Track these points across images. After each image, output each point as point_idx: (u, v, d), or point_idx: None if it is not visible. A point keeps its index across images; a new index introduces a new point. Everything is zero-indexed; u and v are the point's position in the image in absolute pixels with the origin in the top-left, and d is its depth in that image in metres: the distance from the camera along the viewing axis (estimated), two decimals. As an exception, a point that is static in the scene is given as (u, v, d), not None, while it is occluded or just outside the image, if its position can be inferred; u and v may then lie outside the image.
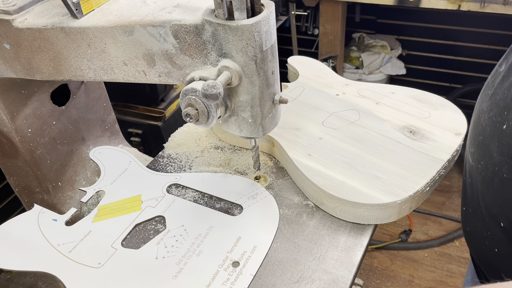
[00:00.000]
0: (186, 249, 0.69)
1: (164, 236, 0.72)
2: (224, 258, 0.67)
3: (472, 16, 2.21)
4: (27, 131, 0.79)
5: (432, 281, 1.88)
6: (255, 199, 0.77)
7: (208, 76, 0.60)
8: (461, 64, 2.45)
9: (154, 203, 0.78)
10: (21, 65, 0.70)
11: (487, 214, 0.63)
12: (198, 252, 0.68)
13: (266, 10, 0.57)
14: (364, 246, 0.69)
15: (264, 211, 0.75)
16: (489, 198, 0.62)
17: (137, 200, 0.80)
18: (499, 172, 0.58)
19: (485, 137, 0.62)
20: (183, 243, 0.70)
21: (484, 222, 0.64)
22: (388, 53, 2.45)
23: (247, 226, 0.72)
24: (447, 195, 2.26)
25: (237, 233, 0.71)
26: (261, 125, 0.65)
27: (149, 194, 0.81)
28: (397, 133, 0.82)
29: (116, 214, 0.77)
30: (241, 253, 0.68)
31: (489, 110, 0.61)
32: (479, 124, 0.64)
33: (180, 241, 0.71)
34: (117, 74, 0.67)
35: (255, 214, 0.74)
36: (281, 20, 2.36)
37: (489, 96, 0.63)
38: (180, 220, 0.75)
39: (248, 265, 0.66)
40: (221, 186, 0.81)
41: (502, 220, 0.60)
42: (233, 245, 0.69)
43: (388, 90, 0.94)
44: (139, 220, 0.75)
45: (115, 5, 0.66)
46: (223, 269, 0.65)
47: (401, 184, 0.71)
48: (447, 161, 0.76)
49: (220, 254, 0.68)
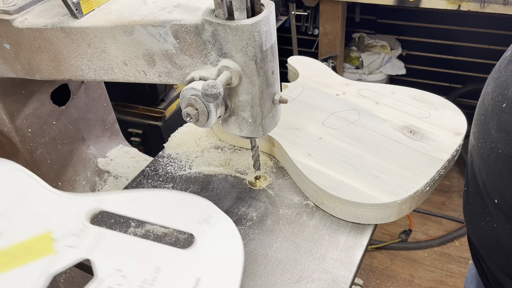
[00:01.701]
0: None
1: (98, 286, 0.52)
2: None
3: (472, 16, 2.22)
4: (27, 131, 0.79)
5: (432, 281, 1.88)
6: (208, 223, 0.60)
7: (208, 76, 0.60)
8: (461, 64, 2.45)
9: (74, 241, 0.57)
10: (21, 65, 0.70)
11: (484, 191, 0.64)
12: None
13: (266, 10, 0.57)
14: (364, 246, 0.69)
15: (223, 240, 0.59)
16: (485, 174, 0.64)
17: (46, 239, 0.58)
18: (495, 148, 0.60)
19: (486, 116, 0.64)
20: None
21: (483, 199, 0.65)
22: (388, 53, 2.45)
23: (205, 262, 0.56)
24: (447, 195, 2.26)
25: (194, 273, 0.54)
26: (261, 125, 0.65)
27: (63, 228, 0.59)
28: (397, 133, 0.82)
29: (18, 262, 0.54)
30: None
31: (493, 91, 0.63)
32: (483, 105, 0.66)
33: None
34: (117, 74, 0.67)
35: (212, 244, 0.58)
36: (281, 20, 2.36)
37: (494, 79, 0.65)
38: (115, 263, 0.55)
39: None
40: (162, 208, 0.63)
41: (496, 197, 0.61)
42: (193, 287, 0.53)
43: (388, 90, 0.94)
44: (56, 268, 0.54)
45: (115, 5, 0.66)
46: None
47: (401, 184, 0.71)
48: (447, 161, 0.76)
49: None
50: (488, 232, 0.65)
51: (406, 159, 0.76)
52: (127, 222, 0.76)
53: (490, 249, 0.68)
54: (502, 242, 0.63)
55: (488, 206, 0.64)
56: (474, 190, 0.69)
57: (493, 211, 0.63)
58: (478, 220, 0.68)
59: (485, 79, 0.74)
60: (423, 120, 0.85)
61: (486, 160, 0.63)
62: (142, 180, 0.86)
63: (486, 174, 0.63)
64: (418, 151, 0.78)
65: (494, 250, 0.66)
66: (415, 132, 0.82)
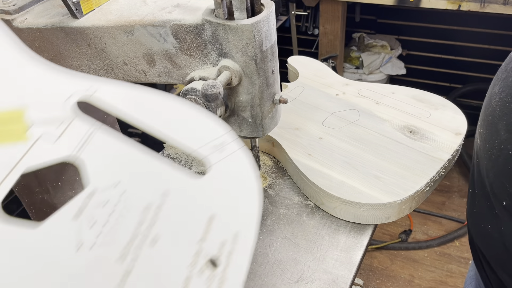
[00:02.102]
0: (130, 233, 0.38)
1: (87, 203, 0.39)
2: (195, 253, 0.40)
3: (472, 16, 2.21)
4: (27, 131, 0.79)
5: (432, 281, 1.88)
6: (222, 152, 0.47)
7: (208, 76, 0.60)
8: (461, 64, 2.45)
9: (55, 131, 0.43)
10: (21, 65, 0.70)
11: (492, 193, 0.64)
12: (152, 239, 0.39)
13: (266, 10, 0.57)
14: (364, 246, 0.69)
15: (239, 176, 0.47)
16: (493, 176, 0.63)
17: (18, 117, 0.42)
18: (505, 150, 0.59)
19: (494, 117, 0.63)
20: (123, 220, 0.39)
21: (490, 202, 0.65)
22: (388, 53, 2.45)
23: (220, 198, 0.45)
24: (447, 195, 2.26)
25: (207, 208, 0.44)
26: (261, 125, 0.65)
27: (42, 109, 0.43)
28: (397, 133, 0.82)
29: None
30: (219, 243, 0.41)
31: (501, 92, 0.63)
32: (490, 105, 0.65)
33: (115, 215, 0.39)
34: (117, 74, 0.67)
35: (226, 179, 0.46)
36: (281, 20, 2.36)
37: (502, 79, 0.64)
38: (113, 173, 0.41)
39: (232, 265, 0.40)
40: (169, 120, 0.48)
41: (504, 199, 0.61)
42: (205, 229, 0.42)
43: (388, 90, 0.94)
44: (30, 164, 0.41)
45: (115, 5, 0.66)
46: (196, 274, 0.38)
47: (401, 184, 0.71)
48: (447, 161, 0.76)
49: (187, 245, 0.40)
50: (495, 235, 0.65)
51: (406, 159, 0.76)
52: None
53: (497, 252, 0.67)
54: (509, 245, 0.62)
55: (495, 209, 0.64)
56: (480, 192, 0.68)
57: (501, 214, 0.62)
58: (484, 223, 0.68)
59: (485, 79, 0.74)
60: (423, 120, 0.85)
61: (494, 161, 0.62)
62: (142, 180, 0.86)
63: (494, 176, 0.63)
64: (418, 151, 0.78)
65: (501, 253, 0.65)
66: (415, 132, 0.82)
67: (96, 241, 0.37)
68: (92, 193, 0.39)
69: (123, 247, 0.37)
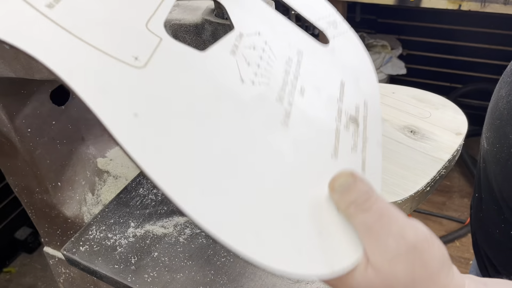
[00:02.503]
0: (281, 79, 0.39)
1: (238, 43, 0.39)
2: (338, 110, 0.41)
3: (472, 16, 2.21)
4: (27, 131, 0.79)
5: (432, 281, 1.88)
6: (336, 29, 0.49)
7: (207, 76, 0.59)
8: (461, 64, 2.45)
9: None
10: (20, 65, 0.70)
11: (500, 197, 0.63)
12: (300, 89, 0.40)
13: (266, 9, 0.57)
14: (364, 246, 0.68)
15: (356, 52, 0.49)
16: (502, 180, 0.63)
17: None
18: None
19: (502, 120, 0.63)
20: (272, 65, 0.39)
21: (499, 206, 0.64)
22: (389, 52, 2.45)
23: (345, 66, 0.46)
24: (448, 195, 2.25)
25: (337, 73, 0.45)
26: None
27: None
28: (397, 133, 0.82)
29: None
30: (354, 106, 0.43)
31: (508, 95, 0.62)
32: (497, 109, 0.65)
33: (265, 59, 0.39)
34: (116, 73, 0.67)
35: (346, 52, 0.47)
36: (281, 20, 2.36)
37: (508, 82, 0.63)
38: (251, 22, 0.42)
39: (369, 128, 0.42)
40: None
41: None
42: (340, 91, 0.43)
43: (388, 90, 0.94)
44: None
45: (114, 4, 0.66)
46: (343, 127, 0.40)
47: (402, 184, 0.71)
48: (448, 161, 0.75)
49: (330, 101, 0.42)
50: (503, 240, 0.64)
51: (407, 159, 0.76)
52: (127, 223, 0.75)
53: (505, 256, 0.67)
54: None
55: (504, 213, 0.63)
56: (488, 196, 0.67)
57: (510, 218, 0.62)
58: (492, 227, 0.67)
59: (486, 78, 0.74)
60: (423, 120, 0.84)
61: (503, 165, 0.61)
62: (142, 180, 0.86)
63: (503, 180, 0.62)
64: (419, 151, 0.77)
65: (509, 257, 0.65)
66: (416, 132, 0.82)
67: (254, 80, 0.37)
68: (240, 35, 0.39)
69: (278, 89, 0.38)
